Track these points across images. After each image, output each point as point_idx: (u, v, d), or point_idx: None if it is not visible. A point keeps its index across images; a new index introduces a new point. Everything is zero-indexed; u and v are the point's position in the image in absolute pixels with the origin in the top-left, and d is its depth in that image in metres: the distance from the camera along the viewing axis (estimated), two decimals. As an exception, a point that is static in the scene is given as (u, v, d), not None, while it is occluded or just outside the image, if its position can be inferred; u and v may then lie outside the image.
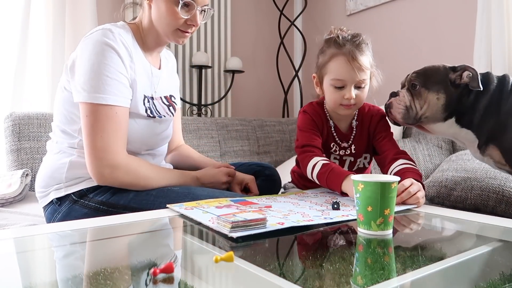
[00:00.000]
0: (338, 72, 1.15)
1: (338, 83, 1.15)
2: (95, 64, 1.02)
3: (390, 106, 1.22)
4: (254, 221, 0.73)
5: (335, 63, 1.15)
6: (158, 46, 1.21)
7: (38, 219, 1.28)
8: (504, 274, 0.55)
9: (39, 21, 2.21)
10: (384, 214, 0.73)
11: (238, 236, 0.69)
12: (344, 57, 1.14)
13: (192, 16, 1.12)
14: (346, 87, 1.15)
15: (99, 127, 1.01)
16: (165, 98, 1.24)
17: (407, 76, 1.23)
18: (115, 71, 1.03)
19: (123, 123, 1.05)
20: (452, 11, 2.33)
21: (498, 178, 1.38)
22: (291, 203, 0.99)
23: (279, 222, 0.77)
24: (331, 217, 0.84)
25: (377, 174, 0.82)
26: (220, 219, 0.74)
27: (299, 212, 0.88)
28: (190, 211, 0.87)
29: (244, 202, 0.97)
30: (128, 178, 1.04)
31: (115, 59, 1.04)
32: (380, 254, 0.65)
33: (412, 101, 1.17)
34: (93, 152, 1.02)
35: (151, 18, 1.14)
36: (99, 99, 1.01)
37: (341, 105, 1.18)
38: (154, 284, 0.50)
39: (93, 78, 1.01)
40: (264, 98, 3.21)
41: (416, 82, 1.18)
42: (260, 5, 3.20)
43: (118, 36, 1.06)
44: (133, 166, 1.05)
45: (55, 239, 0.74)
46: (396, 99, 1.21)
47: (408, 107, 1.17)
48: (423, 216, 0.92)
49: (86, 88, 1.02)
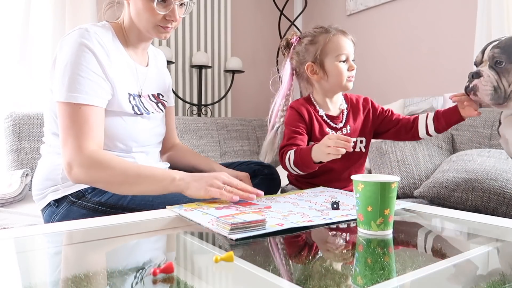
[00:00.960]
0: (340, 47, 1.27)
1: (343, 57, 1.27)
2: (68, 64, 1.03)
3: (475, 88, 1.13)
4: (254, 223, 0.73)
5: (334, 42, 1.27)
6: (141, 42, 1.20)
7: (38, 219, 1.28)
8: (504, 274, 0.55)
9: (39, 21, 2.21)
10: (384, 214, 0.73)
11: (238, 238, 0.69)
12: (339, 34, 1.28)
13: (170, 11, 1.11)
14: (348, 60, 1.28)
15: (69, 125, 1.02)
16: (152, 96, 1.24)
17: (483, 52, 1.15)
18: (88, 70, 1.04)
19: (94, 121, 1.04)
20: (452, 11, 2.32)
21: (499, 180, 1.38)
22: (290, 203, 0.99)
23: (278, 223, 0.77)
24: (331, 217, 0.84)
25: (377, 174, 0.82)
26: (219, 221, 0.74)
27: (298, 213, 0.87)
28: (190, 213, 0.87)
29: (244, 203, 0.97)
30: (96, 173, 1.01)
31: (88, 58, 1.04)
32: (380, 254, 0.65)
33: (499, 80, 1.10)
34: (63, 150, 1.03)
35: (131, 15, 1.14)
36: (70, 98, 1.02)
37: (348, 78, 1.29)
38: (154, 284, 0.50)
39: (66, 78, 1.02)
40: (264, 98, 3.19)
41: (502, 59, 1.10)
42: (260, 5, 3.20)
43: (94, 35, 1.06)
44: (100, 161, 1.02)
45: (55, 239, 0.73)
46: (481, 81, 1.12)
47: (496, 87, 1.10)
48: (423, 216, 0.92)
49: (60, 87, 1.03)
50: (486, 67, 1.13)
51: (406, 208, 0.95)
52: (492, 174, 1.42)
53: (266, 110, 1.44)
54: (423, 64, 2.46)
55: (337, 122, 1.32)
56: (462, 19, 2.26)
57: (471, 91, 1.14)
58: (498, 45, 1.12)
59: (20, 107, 2.06)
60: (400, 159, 1.88)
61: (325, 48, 1.28)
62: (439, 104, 2.33)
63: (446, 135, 2.00)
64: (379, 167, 1.91)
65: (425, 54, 2.44)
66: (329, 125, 1.31)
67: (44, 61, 2.22)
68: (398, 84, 2.58)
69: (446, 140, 1.97)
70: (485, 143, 1.86)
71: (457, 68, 2.25)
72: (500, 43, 1.13)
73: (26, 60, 2.12)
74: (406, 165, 1.85)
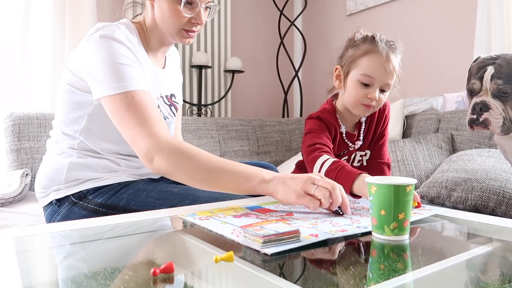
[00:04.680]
0: (369, 69, 1.12)
1: (366, 80, 1.13)
2: (106, 57, 0.98)
3: (486, 122, 1.11)
4: (287, 234, 0.65)
5: (368, 59, 1.13)
6: (162, 47, 1.18)
7: (38, 218, 1.28)
8: (504, 274, 0.55)
9: (39, 21, 2.21)
10: (399, 219, 0.69)
11: (273, 252, 0.60)
12: (380, 55, 1.12)
13: (196, 14, 1.08)
14: (372, 87, 1.13)
15: (129, 116, 0.94)
16: (166, 97, 1.21)
17: (480, 79, 1.13)
18: (127, 59, 1.00)
19: (152, 105, 0.99)
20: (452, 11, 2.33)
21: (499, 180, 1.38)
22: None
23: (312, 234, 0.69)
24: (365, 226, 0.76)
25: (392, 176, 0.78)
26: (247, 232, 0.66)
27: (326, 221, 0.79)
28: (206, 222, 0.79)
29: (262, 210, 0.88)
30: (179, 162, 0.92)
31: (124, 49, 1.01)
32: (381, 255, 0.65)
33: (505, 109, 1.09)
34: (134, 145, 0.95)
35: (155, 18, 1.11)
36: (119, 88, 0.96)
37: (362, 104, 1.15)
38: (154, 284, 0.50)
39: (108, 71, 0.97)
40: (264, 98, 3.21)
41: (508, 90, 1.08)
42: (260, 5, 3.20)
43: (125, 31, 1.05)
44: (181, 149, 0.94)
45: (55, 239, 0.74)
46: (492, 114, 1.10)
47: (505, 117, 1.09)
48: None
49: (103, 82, 0.97)
50: (490, 97, 1.10)
51: (439, 214, 0.91)
52: (492, 174, 1.42)
53: (266, 110, 1.44)
54: (423, 64, 2.46)
55: (353, 141, 1.24)
56: (462, 19, 2.26)
57: (480, 124, 1.12)
58: (499, 75, 1.09)
59: (20, 107, 2.06)
60: (400, 159, 1.88)
61: (358, 59, 1.15)
62: (439, 104, 2.33)
63: (446, 135, 2.00)
64: (379, 167, 1.91)
65: (425, 54, 2.44)
66: (346, 144, 1.23)
67: (44, 61, 2.22)
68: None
69: (446, 140, 1.98)
70: (485, 143, 1.86)
71: (457, 68, 2.25)
72: (500, 72, 1.09)
73: (26, 60, 2.12)
74: (406, 165, 1.85)
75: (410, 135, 2.23)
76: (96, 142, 1.09)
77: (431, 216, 0.89)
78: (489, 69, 1.11)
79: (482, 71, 1.13)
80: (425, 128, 2.18)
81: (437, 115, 2.18)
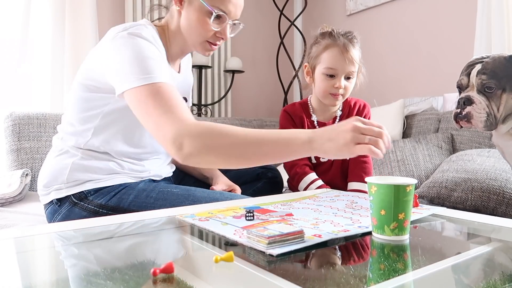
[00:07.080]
0: (331, 61, 1.24)
1: (330, 71, 1.25)
2: (134, 52, 0.96)
3: (468, 116, 1.12)
4: (292, 235, 0.65)
5: (329, 53, 1.25)
6: (181, 54, 1.18)
7: (38, 218, 1.28)
8: (504, 274, 0.55)
9: (39, 21, 2.22)
10: (399, 219, 0.69)
11: (279, 253, 0.60)
12: (338, 48, 1.24)
13: (222, 29, 1.08)
14: (337, 77, 1.25)
15: (155, 105, 0.89)
16: None
17: (468, 75, 1.13)
18: (153, 54, 0.98)
19: (178, 98, 0.94)
20: (452, 11, 2.33)
21: (499, 180, 1.38)
22: (311, 209, 0.91)
23: (315, 234, 0.69)
24: (366, 225, 0.76)
25: (392, 176, 0.79)
26: (250, 233, 0.65)
27: (327, 221, 0.80)
28: (206, 223, 0.78)
29: (261, 210, 0.88)
30: (212, 141, 0.85)
31: (151, 47, 1.00)
32: (381, 255, 0.65)
33: (489, 105, 1.09)
34: (161, 133, 0.88)
35: (179, 25, 1.09)
36: (146, 79, 0.92)
37: (330, 94, 1.28)
38: (154, 284, 0.50)
39: (134, 65, 0.94)
40: (264, 98, 3.21)
41: (492, 85, 1.09)
42: (260, 5, 3.20)
43: (152, 35, 1.04)
44: (212, 128, 0.87)
45: (55, 239, 0.74)
46: (475, 108, 1.11)
47: (488, 113, 1.09)
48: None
49: (130, 74, 0.94)
50: (475, 92, 1.11)
51: (436, 213, 0.91)
52: (492, 174, 1.42)
53: (266, 110, 1.46)
54: (423, 64, 2.46)
55: None
56: (462, 19, 2.26)
57: (464, 118, 1.13)
58: (484, 70, 1.10)
59: (20, 107, 2.06)
60: (400, 159, 1.88)
61: (320, 55, 1.27)
62: (439, 104, 2.33)
63: (446, 135, 2.00)
64: (379, 167, 1.91)
65: (425, 54, 2.44)
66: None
67: (44, 61, 2.22)
68: (398, 84, 2.58)
69: (446, 140, 1.98)
70: (485, 143, 1.86)
71: (457, 68, 2.25)
72: (485, 68, 1.10)
73: (26, 60, 2.12)
74: (406, 165, 1.85)
75: (410, 135, 2.23)
76: (106, 141, 1.08)
77: (431, 216, 0.90)
78: (477, 66, 1.14)
79: (471, 68, 1.15)
80: (425, 128, 2.18)
81: (437, 115, 2.17)
